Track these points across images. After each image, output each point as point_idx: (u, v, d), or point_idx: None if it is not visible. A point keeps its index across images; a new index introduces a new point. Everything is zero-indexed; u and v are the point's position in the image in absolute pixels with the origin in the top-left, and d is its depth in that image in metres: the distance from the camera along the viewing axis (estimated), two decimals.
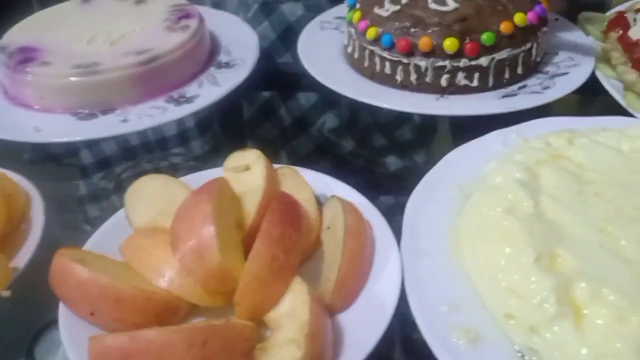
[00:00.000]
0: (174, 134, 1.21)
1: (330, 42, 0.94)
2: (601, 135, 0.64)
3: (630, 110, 0.77)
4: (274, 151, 1.18)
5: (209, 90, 0.83)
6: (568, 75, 0.82)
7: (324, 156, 1.16)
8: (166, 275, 0.50)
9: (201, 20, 0.91)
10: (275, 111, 1.14)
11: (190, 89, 0.83)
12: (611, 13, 0.98)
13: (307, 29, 0.98)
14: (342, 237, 0.52)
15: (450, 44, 0.76)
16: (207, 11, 1.04)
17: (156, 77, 0.81)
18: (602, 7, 1.04)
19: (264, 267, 0.47)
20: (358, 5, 0.88)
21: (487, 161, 0.64)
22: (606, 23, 0.95)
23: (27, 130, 0.77)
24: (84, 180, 1.18)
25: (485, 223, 0.53)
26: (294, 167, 0.63)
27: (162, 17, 0.91)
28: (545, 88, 0.79)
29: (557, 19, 0.98)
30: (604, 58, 0.88)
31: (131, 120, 0.77)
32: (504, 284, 0.48)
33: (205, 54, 0.90)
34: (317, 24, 1.00)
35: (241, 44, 0.94)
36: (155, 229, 0.55)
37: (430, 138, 1.19)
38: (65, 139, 0.76)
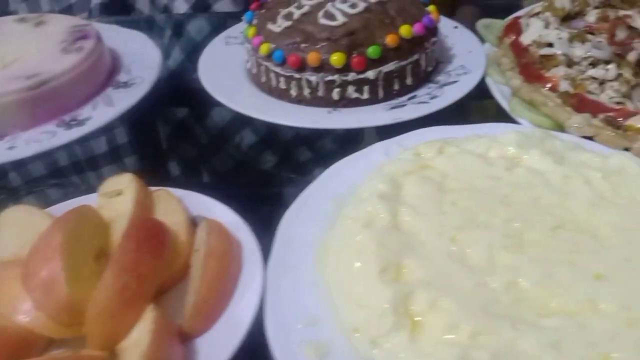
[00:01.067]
0: (103, 152, 1.19)
1: (234, 57, 0.94)
2: (474, 142, 0.66)
3: (513, 115, 0.79)
4: (192, 170, 1.17)
5: (102, 112, 0.82)
6: (457, 84, 0.84)
7: (245, 174, 1.16)
8: (20, 309, 0.49)
9: (98, 40, 0.90)
10: (192, 130, 1.14)
11: (84, 112, 0.82)
12: (509, 19, 1.01)
13: (212, 45, 0.99)
14: (202, 260, 0.52)
15: (337, 58, 0.77)
16: (113, 30, 1.04)
17: (47, 101, 0.80)
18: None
19: (113, 296, 0.47)
20: (255, 21, 0.88)
21: (367, 173, 0.65)
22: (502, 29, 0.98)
23: None
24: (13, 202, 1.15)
25: (346, 237, 0.54)
26: (169, 189, 0.63)
27: (60, 38, 0.90)
28: (433, 98, 0.81)
29: (456, 27, 1.00)
30: (497, 64, 0.90)
31: (18, 147, 0.76)
32: (353, 298, 0.49)
33: (103, 74, 0.89)
34: (222, 39, 1.00)
35: (143, 62, 0.93)
36: (17, 261, 0.54)
37: (356, 147, 1.20)
38: None
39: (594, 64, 0.83)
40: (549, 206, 0.55)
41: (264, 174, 1.12)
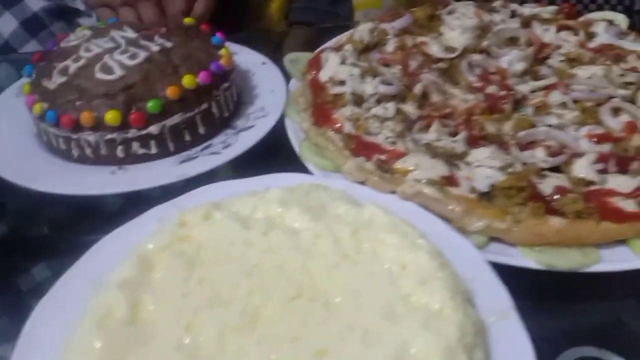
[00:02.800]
0: None
1: (22, 112, 0.87)
2: (241, 203, 0.65)
3: (302, 160, 0.79)
4: None
5: None
6: (253, 129, 0.83)
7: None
8: None
9: None
10: None
11: None
12: (315, 53, 1.01)
13: (1, 97, 0.91)
14: None
15: (112, 117, 0.74)
16: None
17: None
18: None
19: None
20: (33, 75, 0.82)
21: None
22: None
23: None
24: None
25: (81, 338, 0.51)
26: None
27: None
28: (227, 147, 0.80)
29: (264, 63, 0.99)
30: (296, 104, 0.90)
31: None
32: None
33: None
34: (14, 90, 0.93)
35: None
36: None
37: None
38: None
39: (380, 100, 0.85)
40: (293, 272, 0.55)
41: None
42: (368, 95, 0.85)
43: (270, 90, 0.91)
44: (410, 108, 0.84)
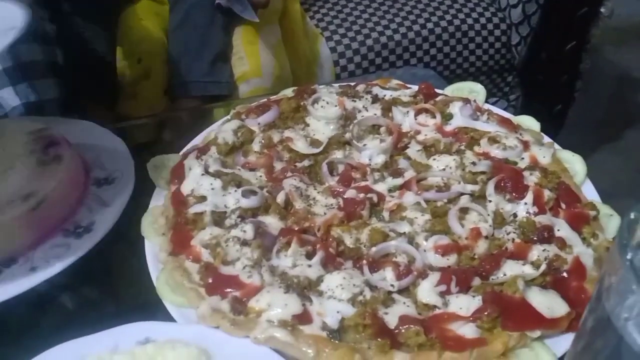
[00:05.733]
0: None
1: None
2: None
3: (161, 297, 0.75)
4: None
5: (101, 213, 0.82)
6: None
7: None
8: None
9: (68, 144, 0.88)
10: None
11: (82, 216, 0.82)
12: (179, 156, 0.96)
13: None
14: None
15: None
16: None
17: (47, 216, 0.79)
18: None
19: None
20: None
21: None
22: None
23: None
24: None
25: None
26: None
27: (27, 149, 0.86)
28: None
29: None
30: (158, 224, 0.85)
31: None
32: None
33: (82, 175, 0.88)
34: None
35: (111, 154, 0.93)
36: None
37: None
38: None
39: (241, 216, 0.83)
40: None
41: None
42: (230, 211, 0.84)
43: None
44: (272, 220, 0.83)
